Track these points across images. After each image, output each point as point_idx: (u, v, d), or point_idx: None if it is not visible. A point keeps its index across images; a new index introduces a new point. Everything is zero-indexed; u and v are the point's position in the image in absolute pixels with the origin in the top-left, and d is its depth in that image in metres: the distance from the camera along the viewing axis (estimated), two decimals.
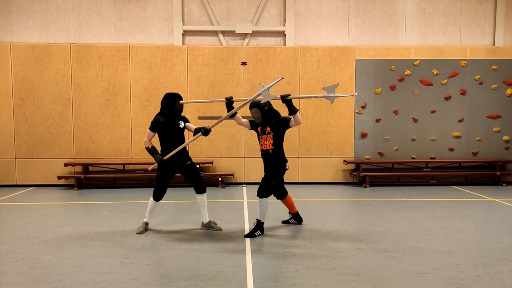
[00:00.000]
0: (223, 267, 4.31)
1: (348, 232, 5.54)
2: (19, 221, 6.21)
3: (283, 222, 6.05)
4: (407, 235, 5.43)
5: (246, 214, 6.61)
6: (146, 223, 5.68)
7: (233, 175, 9.15)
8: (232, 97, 5.37)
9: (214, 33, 9.38)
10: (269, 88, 5.07)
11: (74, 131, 9.04)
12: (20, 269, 4.29)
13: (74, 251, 4.84)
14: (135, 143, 9.12)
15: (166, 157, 5.34)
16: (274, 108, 5.49)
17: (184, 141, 5.47)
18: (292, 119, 5.18)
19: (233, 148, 9.21)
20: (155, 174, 8.89)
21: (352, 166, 9.38)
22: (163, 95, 5.46)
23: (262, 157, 5.43)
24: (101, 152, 9.11)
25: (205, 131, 5.25)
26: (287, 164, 5.46)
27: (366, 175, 9.01)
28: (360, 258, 4.60)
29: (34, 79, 8.91)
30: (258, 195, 5.37)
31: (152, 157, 5.47)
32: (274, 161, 5.35)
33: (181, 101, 5.45)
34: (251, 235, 5.35)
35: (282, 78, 5.30)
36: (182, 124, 5.47)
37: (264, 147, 5.35)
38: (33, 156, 9.02)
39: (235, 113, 5.39)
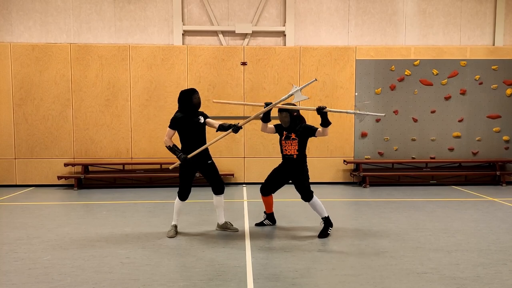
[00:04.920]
0: (223, 267, 4.31)
1: (348, 232, 5.54)
2: (19, 221, 6.21)
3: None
4: (407, 235, 5.43)
5: (246, 214, 6.61)
6: (175, 226, 5.51)
7: (233, 175, 9.15)
8: (271, 102, 5.33)
9: (214, 33, 9.38)
10: (301, 89, 5.18)
11: (74, 131, 9.04)
12: (20, 269, 4.29)
13: (74, 251, 4.84)
14: (135, 143, 9.12)
15: (190, 156, 5.20)
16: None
17: (205, 138, 5.38)
18: (320, 130, 5.26)
19: (233, 148, 9.21)
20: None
21: (352, 166, 9.38)
22: (179, 93, 5.29)
23: (284, 160, 5.48)
24: (101, 152, 9.10)
25: (236, 129, 5.14)
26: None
27: (366, 175, 9.01)
28: (360, 258, 4.60)
29: (34, 79, 8.91)
30: (305, 200, 5.40)
31: (174, 155, 5.31)
32: (298, 165, 5.42)
33: (214, 100, 5.79)
34: (325, 235, 5.34)
35: (316, 79, 5.36)
36: (202, 119, 5.33)
37: (289, 152, 5.40)
38: (33, 156, 9.02)
39: (268, 116, 5.38)
